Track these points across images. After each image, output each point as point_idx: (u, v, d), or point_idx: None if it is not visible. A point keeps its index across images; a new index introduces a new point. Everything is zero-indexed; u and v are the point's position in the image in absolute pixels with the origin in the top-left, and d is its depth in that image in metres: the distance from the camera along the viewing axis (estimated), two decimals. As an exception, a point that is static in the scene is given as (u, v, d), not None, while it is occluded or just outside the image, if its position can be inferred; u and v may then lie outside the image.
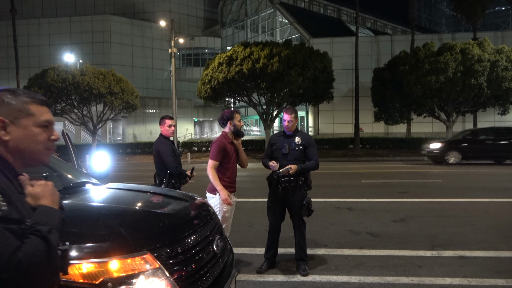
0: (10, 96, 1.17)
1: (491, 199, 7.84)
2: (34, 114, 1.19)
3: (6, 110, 1.15)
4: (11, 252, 0.96)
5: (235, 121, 3.85)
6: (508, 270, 3.94)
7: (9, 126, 1.15)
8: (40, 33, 41.67)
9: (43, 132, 1.21)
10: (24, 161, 1.21)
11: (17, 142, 1.16)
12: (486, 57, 18.99)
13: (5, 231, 0.99)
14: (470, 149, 15.93)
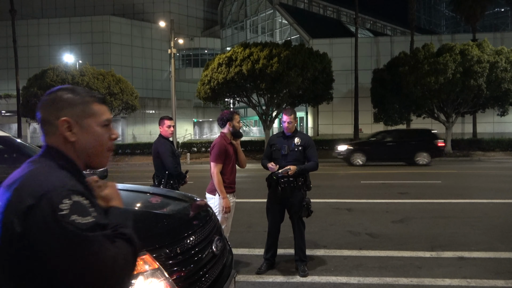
0: (72, 95, 1.12)
1: (490, 200, 7.85)
2: (96, 113, 1.14)
3: (70, 110, 1.09)
4: (113, 259, 0.94)
5: (234, 122, 3.86)
6: (507, 271, 3.94)
7: (75, 127, 1.09)
8: (40, 33, 41.69)
9: (105, 131, 1.15)
10: (88, 163, 1.15)
11: (83, 143, 1.11)
12: (485, 58, 19.01)
13: (103, 239, 0.95)
14: (374, 151, 16.66)
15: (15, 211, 0.93)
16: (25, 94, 23.24)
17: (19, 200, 0.94)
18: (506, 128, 29.35)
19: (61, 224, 0.90)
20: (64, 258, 0.90)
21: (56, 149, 1.09)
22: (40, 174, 1.01)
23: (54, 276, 0.91)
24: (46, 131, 1.11)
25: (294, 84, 20.42)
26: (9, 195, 0.96)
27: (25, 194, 0.94)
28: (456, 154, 21.00)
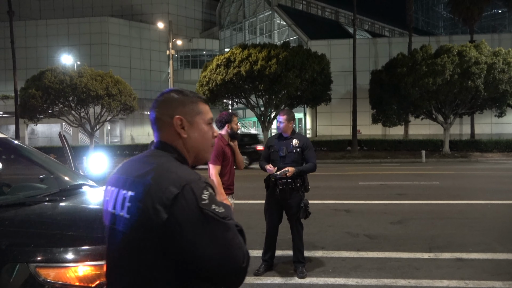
0: (182, 96, 1.23)
1: (488, 201, 7.86)
2: (202, 112, 1.24)
3: (182, 109, 1.20)
4: (240, 245, 1.06)
5: (233, 124, 3.87)
6: (505, 272, 3.94)
7: (186, 124, 1.20)
8: (38, 34, 41.60)
9: (210, 129, 1.25)
10: (197, 158, 1.24)
11: (193, 139, 1.21)
12: (483, 60, 19.07)
13: (234, 227, 1.07)
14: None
15: (159, 200, 1.03)
16: (23, 95, 23.16)
17: (162, 190, 1.04)
18: (504, 129, 29.43)
19: (205, 211, 1.02)
20: (207, 241, 1.02)
21: (170, 144, 1.20)
22: (171, 166, 1.12)
23: (195, 257, 1.02)
24: (160, 128, 1.22)
25: (292, 85, 20.44)
26: (147, 185, 1.07)
27: (167, 184, 1.05)
28: (454, 155, 21.05)
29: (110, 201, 1.17)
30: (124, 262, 1.10)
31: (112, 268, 1.16)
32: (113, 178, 1.22)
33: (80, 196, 2.53)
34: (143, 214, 1.05)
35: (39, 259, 1.63)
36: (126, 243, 1.09)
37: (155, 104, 1.24)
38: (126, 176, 1.17)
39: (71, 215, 2.14)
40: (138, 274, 1.07)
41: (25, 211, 2.07)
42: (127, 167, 1.21)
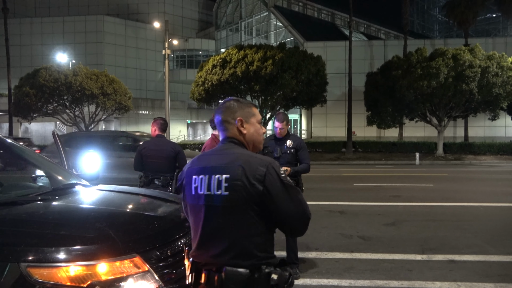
0: (239, 103, 1.65)
1: (481, 203, 7.92)
2: (255, 114, 1.67)
3: (241, 112, 1.63)
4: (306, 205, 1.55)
5: None
6: (497, 274, 3.97)
7: (245, 123, 1.62)
8: (33, 32, 41.31)
9: (260, 127, 1.67)
10: (253, 149, 1.66)
11: (250, 134, 1.63)
12: (477, 63, 19.22)
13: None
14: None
15: (253, 177, 1.47)
16: (17, 94, 22.98)
17: (254, 169, 1.48)
18: (497, 132, 29.69)
19: (284, 182, 1.50)
20: (288, 201, 1.49)
21: (235, 139, 1.63)
22: (249, 153, 1.59)
23: (281, 213, 1.49)
24: (226, 128, 1.64)
25: (288, 87, 20.46)
26: (240, 168, 1.49)
27: (256, 165, 1.50)
28: (447, 158, 21.19)
29: (203, 186, 1.54)
30: (225, 227, 1.49)
31: (210, 236, 1.52)
32: (195, 169, 1.59)
33: (73, 195, 2.52)
34: (242, 189, 1.47)
35: (30, 258, 1.61)
36: (227, 213, 1.49)
37: (220, 110, 1.65)
38: (212, 165, 1.55)
39: (64, 215, 2.13)
40: (236, 232, 1.48)
41: (16, 210, 2.05)
42: (207, 160, 1.60)
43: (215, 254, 1.50)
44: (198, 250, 1.56)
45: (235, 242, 1.49)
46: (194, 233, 1.59)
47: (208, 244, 1.53)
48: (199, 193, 1.55)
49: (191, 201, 1.59)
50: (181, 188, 1.66)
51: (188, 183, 1.60)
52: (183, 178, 1.65)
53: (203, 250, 1.54)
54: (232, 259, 1.48)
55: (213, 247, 1.51)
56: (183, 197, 1.66)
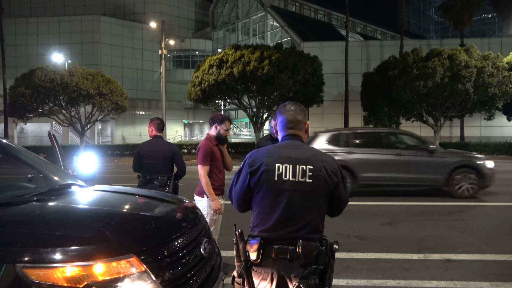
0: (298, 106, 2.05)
1: (476, 202, 7.97)
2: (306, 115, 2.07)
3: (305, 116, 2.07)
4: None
5: (222, 127, 3.82)
6: (493, 273, 3.99)
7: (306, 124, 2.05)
8: (28, 32, 41.09)
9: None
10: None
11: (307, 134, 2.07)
12: (472, 63, 19.31)
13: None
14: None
15: (331, 171, 1.90)
16: (12, 94, 22.85)
17: (332, 164, 1.91)
18: (493, 132, 29.85)
19: (343, 175, 1.97)
20: (343, 190, 1.96)
21: (301, 137, 2.02)
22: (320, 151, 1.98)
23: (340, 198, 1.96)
24: (301, 128, 2.01)
25: (285, 87, 20.47)
26: (322, 162, 1.89)
27: (331, 162, 1.93)
28: (444, 158, 21.25)
29: (288, 172, 1.85)
30: (307, 207, 1.86)
31: (292, 215, 1.84)
32: (277, 159, 1.88)
33: (69, 196, 2.51)
34: (323, 179, 1.86)
35: (26, 259, 1.60)
36: (310, 197, 1.85)
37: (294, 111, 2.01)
38: (295, 156, 1.88)
39: (60, 215, 2.11)
40: (315, 212, 1.88)
41: (12, 211, 2.04)
42: (286, 152, 1.91)
43: (293, 230, 1.83)
44: (273, 228, 1.85)
45: (312, 220, 1.86)
46: (267, 214, 1.87)
47: (288, 222, 1.84)
48: (283, 179, 1.85)
49: (273, 185, 1.85)
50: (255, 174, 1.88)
51: (269, 170, 1.86)
52: (260, 165, 1.88)
53: (280, 227, 1.85)
54: (306, 234, 1.84)
55: (292, 225, 1.84)
56: (249, 182, 1.90)
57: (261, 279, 1.85)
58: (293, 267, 1.80)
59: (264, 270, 1.84)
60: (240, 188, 1.94)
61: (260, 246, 1.83)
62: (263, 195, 1.87)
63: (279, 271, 1.82)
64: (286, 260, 1.81)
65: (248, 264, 1.86)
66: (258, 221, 1.90)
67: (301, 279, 1.76)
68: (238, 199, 1.98)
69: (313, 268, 1.79)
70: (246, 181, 1.91)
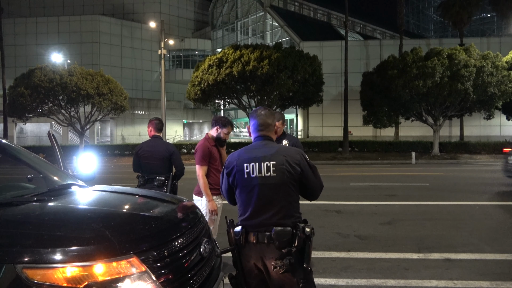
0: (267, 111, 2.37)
1: (476, 202, 7.97)
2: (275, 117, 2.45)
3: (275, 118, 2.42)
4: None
5: (223, 131, 3.83)
6: (493, 273, 4.00)
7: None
8: (27, 32, 41.05)
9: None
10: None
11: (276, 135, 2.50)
12: (472, 63, 19.33)
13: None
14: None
15: (294, 162, 2.16)
16: (11, 94, 22.84)
17: (294, 157, 2.18)
18: (492, 131, 29.89)
19: (310, 163, 2.22)
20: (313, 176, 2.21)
21: (270, 137, 2.33)
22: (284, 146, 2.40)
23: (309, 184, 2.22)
24: (269, 129, 2.31)
25: (284, 86, 20.48)
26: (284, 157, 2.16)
27: (293, 154, 2.19)
28: (443, 157, 21.30)
29: (255, 170, 2.14)
30: (275, 197, 2.12)
31: (263, 205, 2.13)
32: (245, 159, 2.18)
33: (69, 196, 2.50)
34: (286, 171, 2.13)
35: (26, 259, 1.60)
36: (277, 188, 2.13)
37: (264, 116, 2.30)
38: (261, 155, 2.16)
39: (60, 215, 2.11)
40: (284, 201, 2.13)
41: (12, 211, 2.04)
42: (253, 152, 2.21)
43: (267, 218, 2.11)
44: (251, 217, 2.15)
45: (282, 207, 2.12)
46: (245, 206, 2.18)
47: (261, 212, 2.13)
48: (251, 176, 2.15)
49: (244, 182, 2.16)
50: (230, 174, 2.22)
51: (239, 170, 2.17)
52: (233, 167, 2.21)
53: (256, 217, 2.13)
54: (279, 219, 2.11)
55: (265, 213, 2.12)
56: (228, 182, 2.25)
57: (246, 261, 2.18)
58: (270, 250, 2.09)
59: (247, 253, 2.16)
60: (224, 186, 2.33)
61: (242, 233, 2.15)
62: (239, 191, 2.21)
63: (259, 254, 2.12)
64: (264, 244, 2.09)
65: (236, 248, 2.19)
66: (240, 213, 2.23)
67: (277, 260, 2.05)
68: (226, 195, 2.35)
69: (287, 250, 2.06)
70: (226, 181, 2.28)
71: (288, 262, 2.03)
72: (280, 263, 2.04)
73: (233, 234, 2.19)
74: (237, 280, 2.22)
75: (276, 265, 2.05)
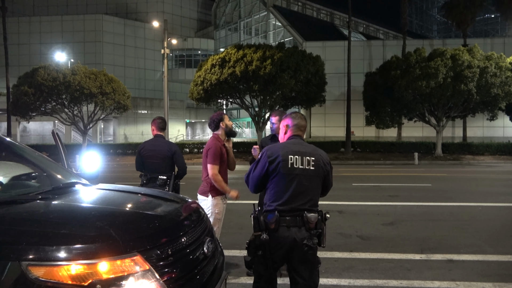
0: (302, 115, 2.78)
1: (479, 203, 7.95)
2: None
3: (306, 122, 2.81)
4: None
5: (226, 121, 3.84)
6: (495, 274, 3.99)
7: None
8: (31, 31, 41.22)
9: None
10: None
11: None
12: (475, 63, 19.26)
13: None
14: None
15: (326, 162, 2.60)
16: (15, 93, 22.94)
17: (325, 157, 2.62)
18: (495, 133, 29.77)
19: (331, 166, 2.66)
20: (331, 176, 2.65)
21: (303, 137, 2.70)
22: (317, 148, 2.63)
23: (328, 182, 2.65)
24: (303, 130, 2.69)
25: (287, 86, 20.48)
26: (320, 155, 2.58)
27: (324, 155, 2.63)
28: (446, 158, 21.24)
29: (298, 162, 2.48)
30: (309, 187, 2.50)
31: (300, 193, 2.47)
32: (289, 152, 2.49)
33: (73, 194, 2.52)
34: (320, 167, 2.54)
35: (31, 257, 1.61)
36: (312, 179, 2.52)
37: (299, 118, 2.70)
38: (303, 151, 2.51)
39: (64, 214, 2.12)
40: (315, 191, 2.55)
41: (17, 209, 2.05)
42: (295, 147, 2.54)
43: (301, 204, 2.46)
44: (286, 203, 2.45)
45: (313, 196, 2.53)
46: (282, 192, 2.47)
47: (296, 198, 2.46)
48: (294, 167, 2.47)
49: (286, 171, 2.46)
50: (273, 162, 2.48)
51: (284, 160, 2.47)
52: (277, 156, 2.48)
53: (291, 202, 2.45)
54: (310, 206, 2.50)
55: (300, 200, 2.47)
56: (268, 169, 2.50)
57: (276, 243, 2.42)
58: (301, 232, 2.43)
59: (280, 235, 2.42)
60: (259, 173, 2.53)
61: (276, 218, 2.42)
62: (279, 178, 2.48)
63: (291, 235, 2.41)
64: (296, 227, 2.43)
65: (267, 232, 2.42)
66: (275, 198, 2.48)
67: (308, 240, 2.42)
68: (256, 182, 2.57)
69: (314, 232, 2.46)
70: (265, 168, 2.50)
71: (315, 242, 2.45)
72: (310, 242, 2.42)
73: (262, 220, 2.44)
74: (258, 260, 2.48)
75: (307, 245, 2.41)
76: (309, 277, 2.53)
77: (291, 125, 2.66)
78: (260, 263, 2.49)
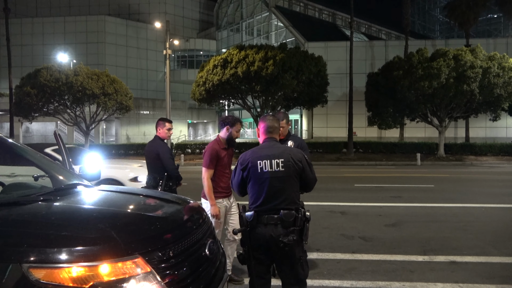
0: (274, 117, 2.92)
1: (482, 204, 7.91)
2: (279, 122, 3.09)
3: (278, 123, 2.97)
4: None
5: (234, 129, 3.78)
6: (498, 276, 3.96)
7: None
8: (34, 32, 41.36)
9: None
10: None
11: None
12: (478, 64, 19.18)
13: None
14: None
15: (298, 160, 2.65)
16: (18, 93, 22.99)
17: (297, 155, 2.67)
18: (498, 133, 29.66)
19: (308, 161, 2.74)
20: (310, 172, 2.71)
21: (276, 139, 2.82)
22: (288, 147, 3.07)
23: (307, 178, 2.70)
24: (275, 132, 2.82)
25: (289, 87, 20.46)
26: (290, 155, 2.64)
27: (297, 153, 2.71)
28: (449, 158, 21.16)
29: (267, 166, 2.60)
30: (283, 187, 2.59)
31: (273, 194, 2.58)
32: (258, 157, 2.63)
33: (75, 196, 2.51)
34: (291, 167, 2.61)
35: (32, 259, 1.61)
36: (284, 180, 2.59)
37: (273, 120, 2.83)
38: (271, 154, 2.63)
39: (66, 215, 2.12)
40: (289, 190, 2.61)
41: (18, 211, 2.05)
42: (264, 151, 2.67)
43: (276, 204, 2.58)
44: (262, 204, 2.59)
45: (288, 196, 2.60)
46: (258, 195, 2.61)
47: (271, 199, 2.59)
48: (264, 171, 2.60)
49: (257, 176, 2.61)
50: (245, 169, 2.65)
51: (253, 166, 2.62)
52: (247, 163, 2.65)
53: (267, 203, 2.58)
54: (285, 205, 2.57)
55: (274, 200, 2.58)
56: (242, 175, 2.68)
57: (256, 239, 2.58)
58: (277, 229, 2.54)
59: (259, 232, 2.57)
60: (237, 180, 2.73)
61: (254, 216, 2.59)
62: (253, 183, 2.65)
63: (268, 232, 2.54)
64: (273, 225, 2.55)
65: (248, 228, 2.60)
66: (252, 201, 2.65)
67: (283, 236, 2.50)
68: (237, 187, 2.77)
69: (291, 229, 2.54)
70: (240, 175, 2.70)
71: (292, 238, 2.50)
72: (285, 238, 2.49)
73: (245, 217, 2.62)
74: (244, 255, 2.65)
75: (282, 241, 2.49)
76: (290, 272, 2.61)
77: (263, 128, 2.80)
78: (248, 258, 2.65)
